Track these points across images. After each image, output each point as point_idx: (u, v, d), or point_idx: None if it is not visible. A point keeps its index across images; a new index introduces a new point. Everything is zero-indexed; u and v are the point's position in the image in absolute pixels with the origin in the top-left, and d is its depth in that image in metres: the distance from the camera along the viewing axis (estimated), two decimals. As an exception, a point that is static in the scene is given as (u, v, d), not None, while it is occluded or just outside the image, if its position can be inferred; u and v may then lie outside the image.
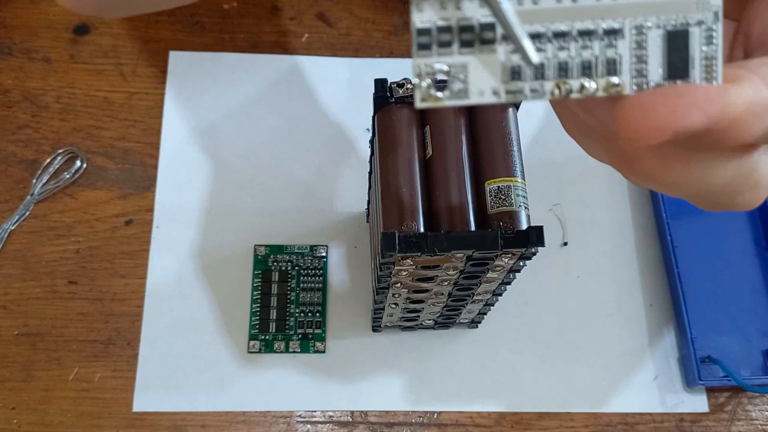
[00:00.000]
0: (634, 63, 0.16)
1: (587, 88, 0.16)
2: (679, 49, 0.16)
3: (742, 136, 0.15)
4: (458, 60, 0.16)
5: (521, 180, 0.32)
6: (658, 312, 0.48)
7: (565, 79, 0.16)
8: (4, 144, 0.50)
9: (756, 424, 0.45)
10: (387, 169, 0.33)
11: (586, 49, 0.16)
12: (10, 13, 0.54)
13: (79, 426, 0.43)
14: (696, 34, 0.16)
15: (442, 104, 0.16)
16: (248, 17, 0.55)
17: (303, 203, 0.49)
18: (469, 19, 0.16)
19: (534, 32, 0.16)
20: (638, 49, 0.16)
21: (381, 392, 0.45)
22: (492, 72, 0.16)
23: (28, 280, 0.46)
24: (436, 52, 0.16)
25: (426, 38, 0.16)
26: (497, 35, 0.16)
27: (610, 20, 0.16)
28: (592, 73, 0.16)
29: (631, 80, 0.16)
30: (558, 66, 0.16)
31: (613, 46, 0.16)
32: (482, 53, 0.16)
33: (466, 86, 0.16)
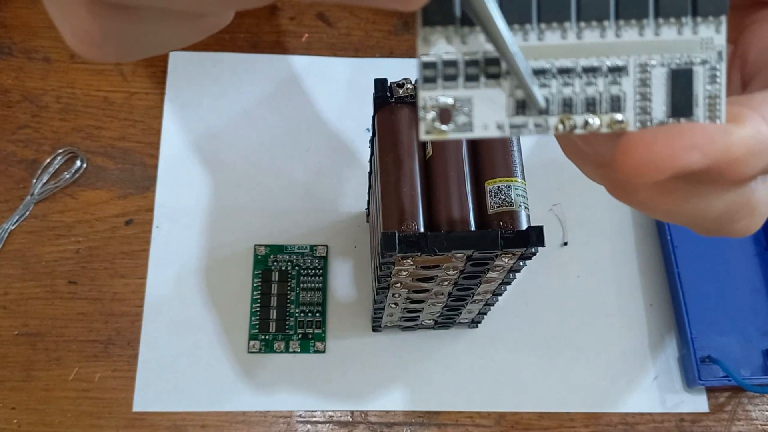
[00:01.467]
0: (638, 100, 0.16)
1: (591, 125, 0.16)
2: (682, 88, 0.16)
3: (740, 174, 0.16)
4: (463, 94, 0.16)
5: (521, 180, 0.32)
6: (658, 312, 0.48)
7: (570, 114, 0.16)
8: (4, 144, 0.50)
9: (756, 424, 0.45)
10: (387, 169, 0.33)
11: (590, 85, 0.16)
12: (10, 13, 0.54)
13: (79, 426, 0.43)
14: (700, 74, 0.16)
15: (446, 137, 0.16)
16: (248, 17, 0.55)
17: (303, 203, 0.49)
18: (474, 54, 0.16)
19: (539, 68, 0.16)
20: (642, 86, 0.16)
21: (381, 392, 0.45)
22: (497, 106, 0.16)
23: (28, 280, 0.46)
24: (442, 86, 0.16)
25: (431, 72, 0.16)
26: (502, 70, 0.16)
27: (615, 58, 0.16)
28: (596, 109, 0.16)
29: (635, 117, 0.16)
30: (562, 102, 0.16)
31: (617, 83, 0.16)
32: (487, 87, 0.16)
33: (471, 120, 0.16)
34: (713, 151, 0.15)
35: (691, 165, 0.15)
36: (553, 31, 0.16)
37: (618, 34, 0.16)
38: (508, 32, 0.15)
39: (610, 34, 0.16)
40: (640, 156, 0.15)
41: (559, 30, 0.16)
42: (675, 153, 0.15)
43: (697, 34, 0.16)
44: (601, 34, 0.16)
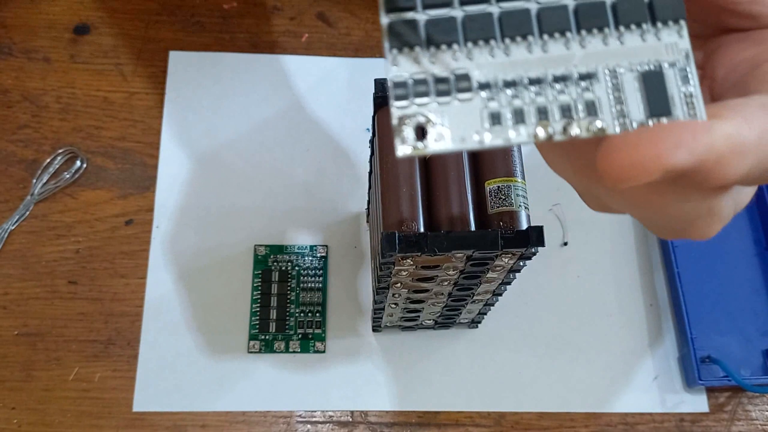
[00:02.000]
0: (613, 104, 0.16)
1: (569, 131, 0.16)
2: (656, 89, 0.16)
3: (725, 175, 0.15)
4: (437, 109, 0.16)
5: (521, 180, 0.32)
6: (658, 312, 0.48)
7: (547, 121, 0.16)
8: (4, 144, 0.50)
9: (756, 424, 0.45)
10: (387, 169, 0.33)
11: (563, 93, 0.16)
12: (10, 13, 0.54)
13: (79, 426, 0.43)
14: (671, 75, 0.16)
15: (424, 153, 0.16)
16: (248, 17, 0.55)
17: (303, 203, 0.49)
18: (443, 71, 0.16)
19: (509, 80, 0.16)
20: (616, 91, 0.16)
21: (381, 392, 0.45)
22: (472, 118, 0.16)
23: (28, 280, 0.46)
24: (414, 103, 0.16)
25: (402, 90, 0.16)
26: (473, 84, 0.16)
27: (583, 66, 0.16)
28: (572, 115, 0.16)
29: (614, 121, 0.16)
30: (537, 110, 0.16)
31: (589, 90, 0.16)
32: (460, 102, 0.16)
33: (447, 134, 0.16)
34: (699, 148, 0.15)
35: (678, 164, 0.15)
36: (517, 45, 0.16)
37: (582, 44, 0.16)
38: None
39: (575, 45, 0.16)
40: (625, 159, 0.15)
41: (524, 44, 0.16)
42: (662, 152, 0.14)
43: (661, 39, 0.16)
44: (566, 45, 0.16)
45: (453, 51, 0.16)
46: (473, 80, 0.16)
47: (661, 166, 0.14)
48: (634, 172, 0.14)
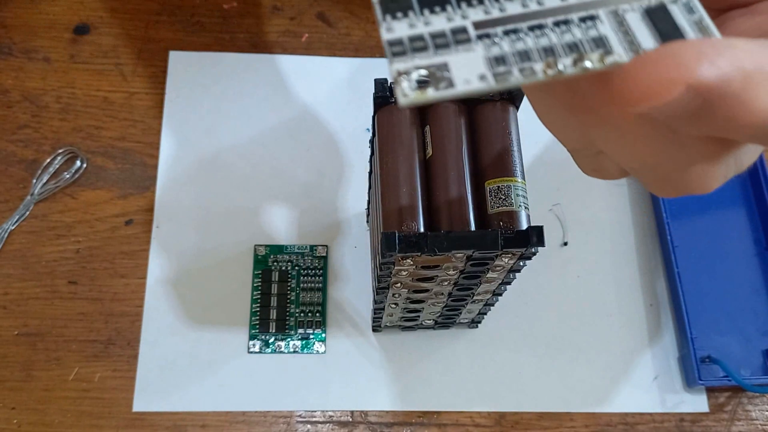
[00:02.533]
0: (622, 38, 0.15)
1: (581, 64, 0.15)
2: (665, 20, 0.15)
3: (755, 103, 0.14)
4: (437, 60, 0.15)
5: (521, 180, 0.32)
6: (658, 312, 0.48)
7: (554, 58, 0.15)
8: (4, 144, 0.50)
9: (756, 424, 0.45)
10: (387, 169, 0.33)
11: (567, 33, 0.15)
12: (10, 13, 0.54)
13: (79, 426, 0.43)
14: (675, 10, 0.15)
15: (426, 98, 0.15)
16: (248, 17, 0.55)
17: (303, 203, 0.49)
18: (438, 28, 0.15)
19: (509, 29, 0.15)
20: (621, 27, 0.15)
21: (381, 392, 0.45)
22: (475, 62, 0.15)
23: (28, 280, 0.46)
24: (413, 56, 0.15)
25: (399, 47, 0.15)
26: (471, 36, 0.15)
27: (582, 12, 0.15)
28: (580, 49, 0.15)
29: (626, 51, 0.15)
30: (543, 50, 0.15)
31: (594, 29, 0.15)
32: (460, 51, 0.15)
33: (450, 78, 0.15)
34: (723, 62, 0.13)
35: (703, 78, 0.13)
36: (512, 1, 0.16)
37: None
38: None
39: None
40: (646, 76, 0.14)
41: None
42: (685, 64, 0.13)
43: None
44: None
45: (447, 13, 0.15)
46: (471, 33, 0.15)
47: (685, 80, 0.13)
48: (657, 89, 0.13)
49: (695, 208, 0.50)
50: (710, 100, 0.14)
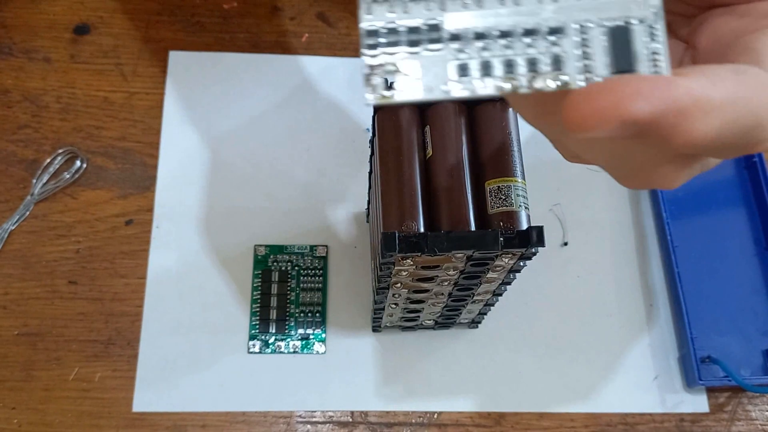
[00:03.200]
0: (579, 59, 0.16)
1: (535, 84, 0.16)
2: (623, 45, 0.16)
3: (690, 133, 0.15)
4: (407, 59, 0.16)
5: (521, 180, 0.32)
6: (658, 312, 0.48)
7: (513, 75, 0.16)
8: (4, 144, 0.50)
9: (756, 424, 0.45)
10: (387, 169, 0.33)
11: (531, 47, 0.16)
12: (10, 13, 0.54)
13: (79, 426, 0.43)
14: (638, 31, 0.16)
15: (391, 101, 0.16)
16: (248, 17, 0.55)
17: (303, 203, 0.49)
18: (415, 21, 0.16)
19: (480, 32, 0.16)
20: (583, 46, 0.16)
21: (381, 392, 0.45)
22: (440, 70, 0.16)
23: (28, 280, 0.46)
24: (384, 52, 0.16)
25: (373, 39, 0.16)
26: (444, 35, 0.16)
27: (553, 20, 0.16)
28: (538, 69, 0.16)
29: (578, 75, 0.16)
30: (505, 63, 0.16)
31: (557, 44, 0.16)
32: (429, 52, 0.16)
33: (415, 84, 0.16)
34: (658, 99, 0.15)
35: (636, 114, 0.15)
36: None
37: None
38: None
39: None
40: (586, 108, 0.15)
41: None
42: (620, 101, 0.15)
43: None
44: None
45: (426, 1, 0.16)
46: (444, 31, 0.16)
47: (619, 115, 0.15)
48: (593, 121, 0.15)
49: (695, 208, 0.50)
50: (647, 130, 0.15)
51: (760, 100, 0.16)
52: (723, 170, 0.52)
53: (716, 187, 0.51)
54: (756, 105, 0.16)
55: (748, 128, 0.16)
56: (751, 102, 0.16)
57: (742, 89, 0.16)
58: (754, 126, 0.16)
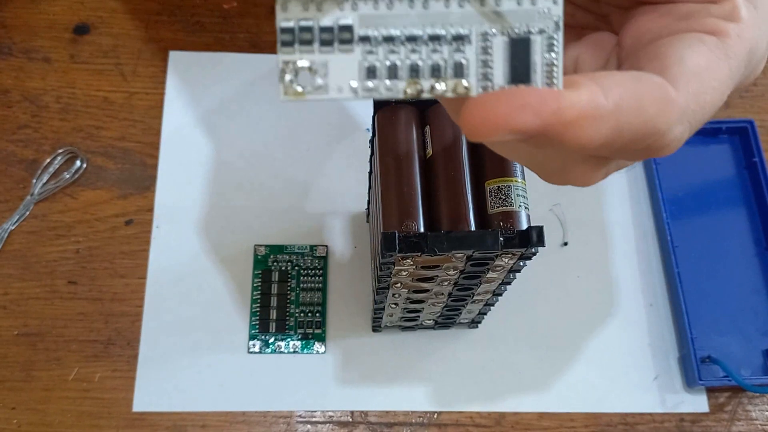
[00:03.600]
0: (480, 67, 0.17)
1: (437, 89, 0.17)
2: (521, 56, 0.17)
3: (578, 140, 0.16)
4: (319, 58, 0.17)
5: (521, 180, 0.32)
6: (658, 312, 0.48)
7: (417, 79, 0.17)
8: (4, 144, 0.50)
9: (756, 424, 0.45)
10: (387, 169, 0.33)
11: (435, 53, 0.17)
12: (10, 13, 0.54)
13: (79, 426, 0.43)
14: (537, 42, 0.17)
15: (303, 99, 0.17)
16: (248, 17, 0.55)
17: (303, 203, 0.49)
18: (328, 20, 0.17)
19: (388, 35, 0.17)
20: (484, 54, 0.17)
21: (381, 392, 0.45)
22: (350, 71, 0.17)
23: (28, 280, 0.46)
24: (299, 50, 0.17)
25: (289, 36, 0.17)
26: (355, 36, 0.17)
27: (458, 27, 0.17)
28: (440, 74, 0.17)
29: (478, 83, 0.17)
30: (410, 68, 0.17)
31: (461, 51, 0.17)
32: (341, 53, 0.17)
33: (326, 82, 0.17)
34: (544, 112, 0.16)
35: (524, 125, 0.16)
36: (401, 0, 0.17)
37: (461, 4, 0.17)
38: None
39: (454, 4, 0.17)
40: (477, 117, 0.16)
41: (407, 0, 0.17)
42: (508, 113, 0.15)
43: (535, 4, 0.17)
44: (446, 4, 0.17)
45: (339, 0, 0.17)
46: (355, 33, 0.17)
47: (506, 126, 0.16)
48: (484, 130, 0.16)
49: (695, 208, 0.50)
50: (537, 138, 0.16)
51: (654, 109, 0.17)
52: (723, 170, 0.52)
53: (716, 187, 0.51)
54: (649, 114, 0.17)
55: (642, 135, 0.17)
56: (644, 111, 0.17)
57: (636, 98, 0.17)
58: (650, 133, 0.17)
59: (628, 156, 0.19)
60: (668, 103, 0.17)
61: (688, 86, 0.18)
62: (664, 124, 0.17)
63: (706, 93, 0.18)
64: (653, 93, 0.17)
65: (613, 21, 0.22)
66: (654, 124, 0.17)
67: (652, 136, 0.17)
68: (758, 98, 0.54)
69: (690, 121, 0.18)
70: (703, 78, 0.18)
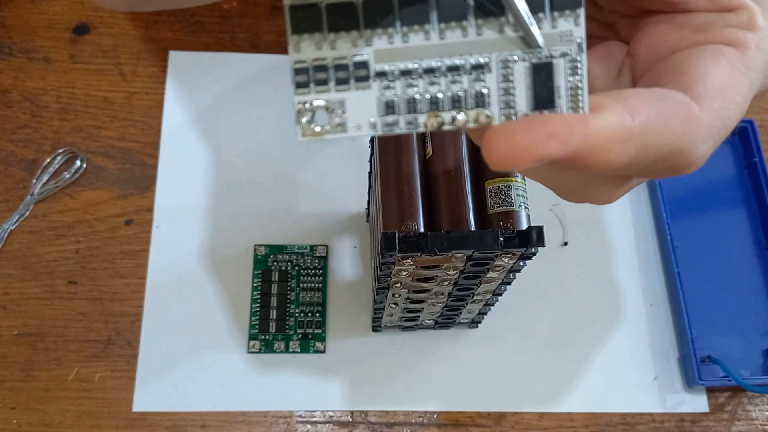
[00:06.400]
0: (501, 95, 0.17)
1: (458, 120, 0.17)
2: (544, 81, 0.16)
3: (604, 162, 0.16)
4: (335, 97, 0.16)
5: (521, 180, 0.32)
6: (658, 312, 0.48)
7: (437, 112, 0.17)
8: (4, 144, 0.50)
9: (756, 424, 0.45)
10: (387, 169, 0.33)
11: (455, 83, 0.17)
12: (10, 13, 0.54)
13: (79, 426, 0.43)
14: (561, 66, 0.16)
15: (322, 138, 0.16)
16: (248, 17, 0.55)
17: (303, 203, 0.49)
18: (343, 58, 0.16)
19: (405, 69, 0.16)
20: (505, 81, 0.17)
21: (381, 392, 0.45)
22: (368, 106, 0.16)
23: (28, 280, 0.46)
24: (314, 90, 0.16)
25: (304, 77, 0.16)
26: (371, 72, 0.16)
27: (477, 55, 0.16)
28: (461, 105, 0.17)
29: (500, 111, 0.17)
30: (429, 101, 0.16)
31: (481, 80, 0.17)
32: (358, 90, 0.16)
33: (344, 120, 0.16)
34: (571, 140, 0.15)
35: (550, 155, 0.15)
36: (416, 33, 0.16)
37: (479, 32, 0.16)
38: None
39: (472, 32, 0.16)
40: (501, 148, 0.15)
41: (422, 32, 0.16)
42: (533, 143, 0.15)
43: (557, 27, 0.16)
44: (463, 34, 0.16)
45: (353, 37, 0.16)
46: (371, 69, 0.16)
47: (532, 156, 0.15)
48: (509, 161, 0.15)
49: (695, 208, 0.50)
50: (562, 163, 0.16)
51: (680, 128, 0.16)
52: (723, 170, 0.52)
53: (716, 187, 0.51)
54: (675, 134, 0.16)
55: (668, 155, 0.17)
56: (670, 131, 0.16)
57: (662, 118, 0.16)
58: (675, 153, 0.17)
59: (652, 175, 0.18)
60: (694, 122, 0.17)
61: (713, 104, 0.17)
62: (690, 143, 0.17)
63: (729, 109, 0.18)
64: (679, 112, 0.17)
65: (619, 30, 0.22)
66: (680, 144, 0.17)
67: (678, 155, 0.17)
68: (758, 98, 0.54)
69: (714, 138, 0.17)
70: (726, 94, 0.17)
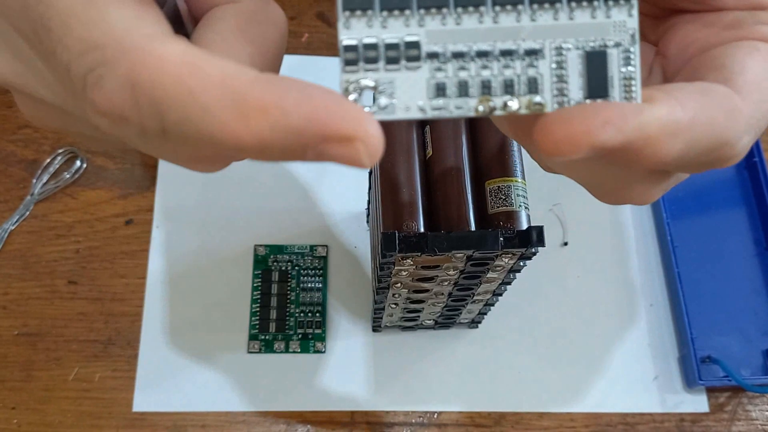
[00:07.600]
0: (554, 82, 0.16)
1: (510, 106, 0.16)
2: (597, 69, 0.16)
3: (656, 155, 0.16)
4: (385, 76, 0.16)
5: (521, 180, 0.32)
6: (658, 312, 0.48)
7: (489, 96, 0.16)
8: (4, 144, 0.50)
9: (756, 424, 0.45)
10: (387, 169, 0.33)
11: (507, 68, 0.16)
12: (10, 13, 0.54)
13: (79, 426, 0.43)
14: (614, 55, 0.16)
15: None
16: (248, 17, 0.55)
17: (303, 203, 0.49)
18: (394, 37, 0.16)
19: (458, 51, 0.16)
20: (558, 69, 0.16)
21: (381, 392, 0.45)
22: (417, 89, 0.16)
23: (28, 280, 0.46)
24: (363, 68, 0.16)
25: (353, 54, 0.16)
26: (422, 53, 0.16)
27: (531, 41, 0.16)
28: (514, 91, 0.16)
29: (552, 99, 0.16)
30: (481, 84, 0.16)
31: (534, 66, 0.16)
32: (408, 70, 0.16)
33: (393, 102, 0.16)
34: (627, 127, 0.15)
35: (606, 141, 0.15)
36: (470, 15, 0.16)
37: (533, 18, 0.16)
38: None
39: (525, 18, 0.16)
40: (557, 133, 0.15)
41: (476, 14, 0.16)
42: (590, 129, 0.15)
43: (610, 17, 0.16)
44: (517, 18, 0.16)
45: (405, 17, 0.16)
46: (422, 49, 0.16)
47: (589, 142, 0.15)
48: (564, 147, 0.15)
49: (695, 208, 0.50)
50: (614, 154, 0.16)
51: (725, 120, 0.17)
52: (723, 170, 0.52)
53: (716, 187, 0.51)
54: (721, 126, 0.17)
55: (713, 147, 0.17)
56: (716, 123, 0.17)
57: (708, 110, 0.16)
58: (721, 145, 0.17)
59: (695, 169, 0.18)
60: (737, 114, 0.17)
61: (752, 95, 0.17)
62: (734, 134, 0.17)
63: (766, 101, 0.18)
64: (723, 104, 0.17)
65: (645, 31, 0.22)
66: (725, 136, 0.17)
67: (722, 147, 0.17)
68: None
69: (755, 129, 0.18)
70: (762, 87, 0.18)
